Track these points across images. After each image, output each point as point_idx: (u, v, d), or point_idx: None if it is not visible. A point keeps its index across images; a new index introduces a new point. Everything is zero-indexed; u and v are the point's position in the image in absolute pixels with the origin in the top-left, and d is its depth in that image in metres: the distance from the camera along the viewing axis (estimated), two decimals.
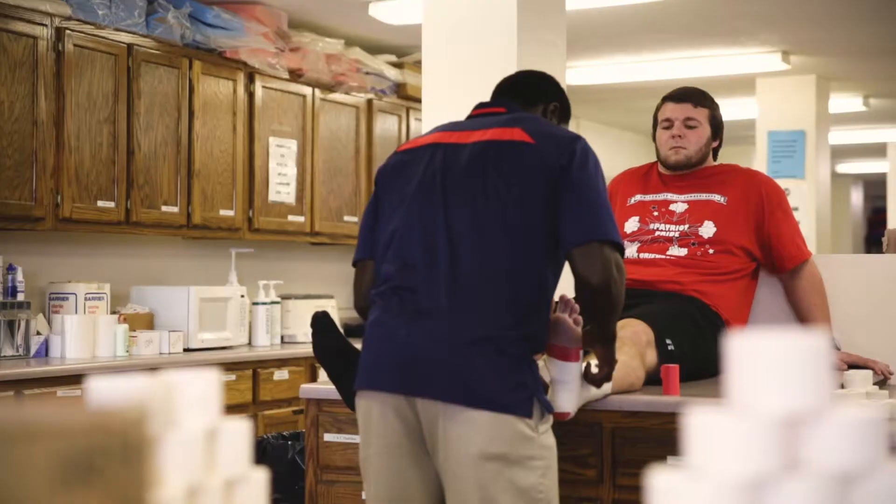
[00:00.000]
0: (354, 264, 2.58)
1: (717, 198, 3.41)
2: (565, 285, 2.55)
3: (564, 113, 2.68)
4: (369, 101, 6.44)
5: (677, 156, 3.47)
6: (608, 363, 2.49)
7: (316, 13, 6.04)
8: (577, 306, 2.53)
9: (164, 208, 5.06)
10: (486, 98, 3.98)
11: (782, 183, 8.09)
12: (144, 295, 5.15)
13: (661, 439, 2.60)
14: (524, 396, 2.30)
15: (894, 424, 2.54)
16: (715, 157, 3.59)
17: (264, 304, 5.64)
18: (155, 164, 5.03)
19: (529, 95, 2.63)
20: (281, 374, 5.25)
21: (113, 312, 4.91)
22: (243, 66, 5.54)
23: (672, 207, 3.44)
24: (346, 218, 6.24)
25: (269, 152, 5.75)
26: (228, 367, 5.01)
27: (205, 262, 5.79)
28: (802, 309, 3.45)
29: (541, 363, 2.49)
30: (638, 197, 3.53)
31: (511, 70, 3.94)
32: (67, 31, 4.62)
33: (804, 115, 8.03)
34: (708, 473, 0.73)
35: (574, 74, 7.79)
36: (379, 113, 6.51)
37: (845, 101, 9.13)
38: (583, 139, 2.47)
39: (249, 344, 5.55)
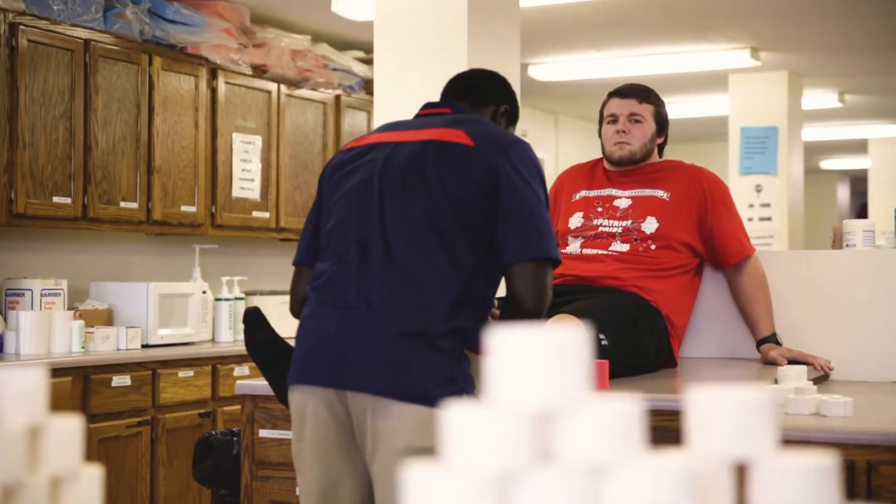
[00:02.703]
0: (294, 264, 2.58)
1: (660, 193, 3.41)
2: None
3: (514, 116, 2.66)
4: (337, 97, 6.44)
5: (621, 151, 3.47)
6: None
7: (279, 9, 6.04)
8: (496, 302, 2.53)
9: (122, 204, 5.05)
10: (437, 94, 4.00)
11: (754, 179, 8.14)
12: (104, 291, 5.15)
13: None
14: (452, 391, 2.30)
15: (820, 420, 2.54)
16: (660, 154, 3.59)
17: (227, 300, 5.63)
18: (113, 160, 5.01)
19: (479, 97, 2.61)
20: (241, 370, 5.24)
21: (71, 308, 4.90)
22: (205, 62, 5.53)
23: (616, 203, 3.45)
24: None
25: (232, 148, 5.74)
26: (187, 363, 5.01)
27: (169, 258, 5.78)
28: (745, 304, 3.46)
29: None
30: (583, 192, 3.53)
31: (462, 65, 3.97)
32: (21, 27, 4.60)
33: (776, 111, 8.04)
34: (459, 467, 0.73)
35: (545, 70, 7.79)
36: (347, 109, 6.50)
37: (820, 98, 9.14)
38: (525, 143, 2.45)
39: (213, 340, 5.54)
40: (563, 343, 0.76)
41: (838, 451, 2.40)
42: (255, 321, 2.69)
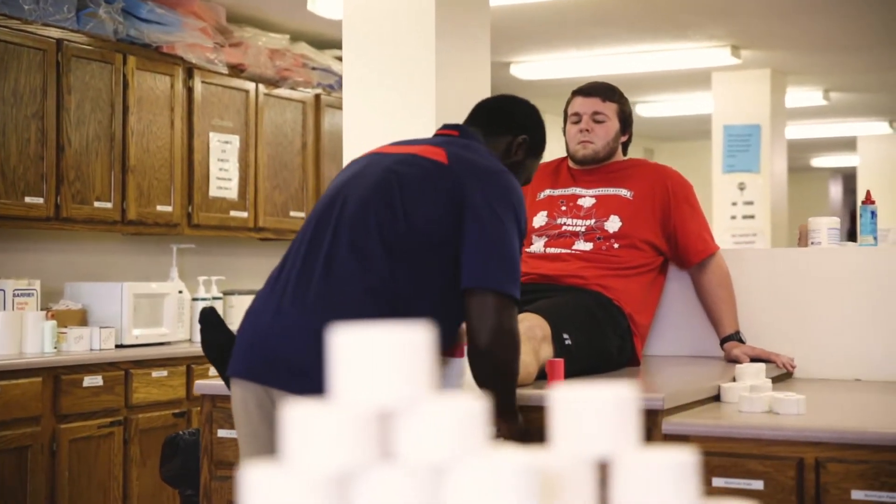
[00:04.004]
0: None
1: (623, 192, 3.41)
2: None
3: (534, 148, 2.60)
4: (317, 97, 6.43)
5: (585, 150, 3.47)
6: (514, 436, 2.41)
7: (255, 7, 6.03)
8: None
9: (96, 204, 5.04)
10: (405, 94, 3.99)
11: (737, 177, 8.14)
12: (78, 291, 5.14)
13: (544, 433, 2.60)
14: None
15: (772, 418, 2.54)
16: (625, 152, 3.59)
17: (204, 299, 5.62)
18: (87, 160, 5.01)
19: (495, 124, 2.56)
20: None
21: (45, 309, 4.90)
22: (181, 62, 5.52)
23: (580, 202, 3.44)
24: (292, 213, 6.23)
25: (209, 148, 5.73)
26: (161, 363, 5.00)
27: (146, 258, 5.77)
28: (709, 302, 3.45)
29: None
30: (547, 192, 3.53)
31: (430, 64, 3.96)
32: None
33: (759, 109, 8.03)
34: (299, 466, 0.72)
35: (528, 69, 7.79)
36: (327, 108, 6.50)
37: (804, 95, 9.14)
38: (507, 175, 2.38)
39: (190, 340, 5.53)
40: (405, 342, 0.76)
41: (788, 448, 2.41)
42: (209, 321, 2.69)
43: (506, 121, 2.59)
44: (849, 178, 16.30)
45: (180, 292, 5.45)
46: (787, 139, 8.74)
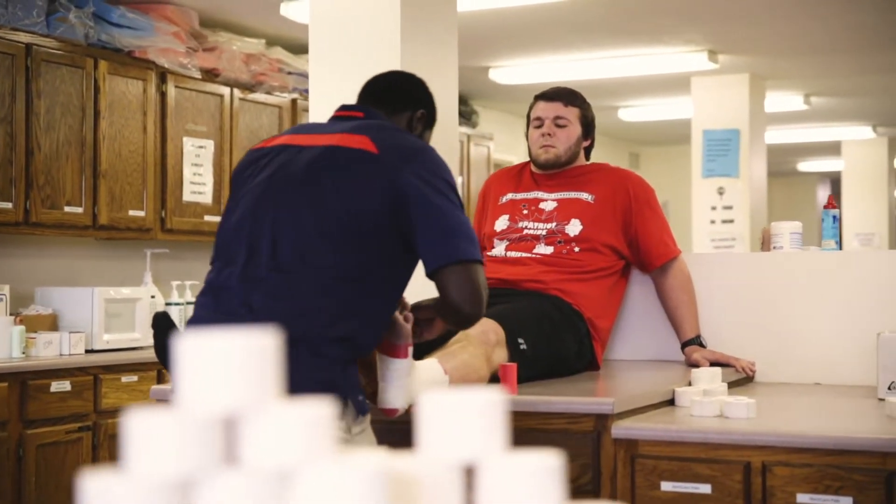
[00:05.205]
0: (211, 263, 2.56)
1: (584, 196, 3.41)
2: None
3: (431, 120, 2.62)
4: (293, 101, 6.42)
5: (547, 154, 3.46)
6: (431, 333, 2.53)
7: (228, 12, 6.03)
8: (407, 304, 2.51)
9: (67, 209, 5.03)
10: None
11: (717, 182, 8.14)
12: (49, 296, 5.12)
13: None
14: (335, 398, 2.28)
15: (722, 422, 2.54)
16: (588, 157, 3.59)
17: (178, 304, 5.61)
18: (57, 165, 4.99)
19: (395, 101, 2.56)
20: None
21: (14, 314, 4.88)
22: (154, 66, 5.51)
23: (542, 206, 3.44)
24: None
25: (183, 152, 5.72)
26: (132, 367, 4.99)
27: (119, 262, 5.76)
28: (670, 306, 3.45)
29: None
30: (509, 195, 3.53)
31: (395, 67, 3.95)
32: None
33: (738, 113, 8.05)
34: (140, 472, 0.72)
35: (506, 73, 7.79)
36: (303, 112, 6.49)
37: (785, 100, 9.16)
38: (432, 150, 2.40)
39: None
40: (250, 347, 0.76)
41: (735, 452, 2.41)
42: (162, 325, 2.68)
43: (403, 97, 2.59)
44: (837, 183, 16.33)
45: (153, 297, 5.44)
46: (768, 144, 8.76)
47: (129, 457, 0.73)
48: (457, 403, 0.89)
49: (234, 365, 0.75)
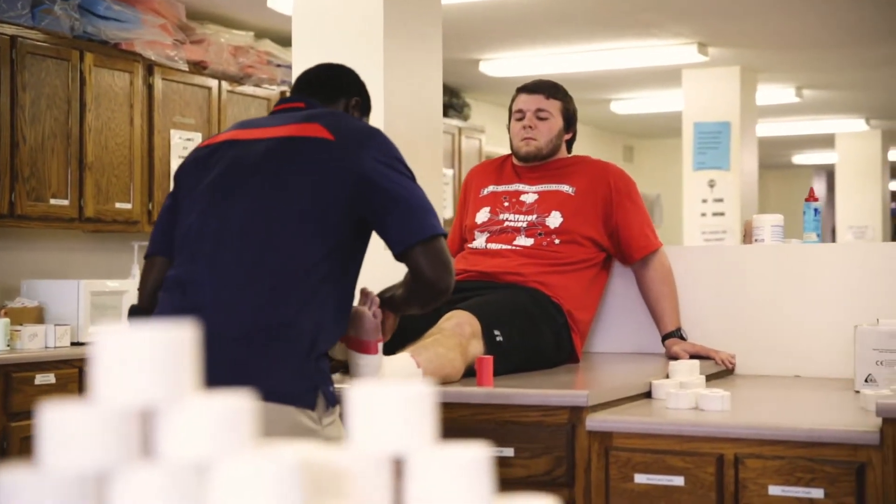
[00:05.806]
0: (146, 257, 2.56)
1: (565, 188, 3.41)
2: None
3: (366, 107, 2.66)
4: (282, 93, 6.41)
5: (528, 147, 3.46)
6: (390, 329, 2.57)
7: (215, 5, 6.02)
8: (377, 299, 2.52)
9: (52, 201, 5.03)
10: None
11: (707, 174, 8.14)
12: (35, 289, 5.12)
13: (472, 430, 2.59)
14: (306, 387, 2.28)
15: (697, 414, 2.54)
16: (569, 150, 3.58)
17: None
18: (42, 157, 4.99)
19: (329, 90, 2.60)
20: None
21: None
22: (140, 59, 5.50)
23: (523, 198, 3.44)
24: None
25: (170, 145, 5.71)
26: None
27: (107, 255, 5.76)
28: (651, 299, 3.45)
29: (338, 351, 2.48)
30: (491, 188, 3.53)
31: (378, 60, 3.95)
32: None
33: (729, 106, 8.04)
34: (54, 466, 0.72)
35: (496, 66, 7.78)
36: None
37: (777, 93, 9.15)
38: (380, 132, 2.45)
39: None
40: (167, 340, 0.75)
41: (708, 444, 2.41)
42: (137, 318, 2.68)
43: (336, 86, 2.62)
44: (832, 175, 16.33)
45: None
46: (760, 136, 8.76)
47: (44, 451, 0.73)
48: (385, 396, 0.89)
49: (149, 357, 0.75)
